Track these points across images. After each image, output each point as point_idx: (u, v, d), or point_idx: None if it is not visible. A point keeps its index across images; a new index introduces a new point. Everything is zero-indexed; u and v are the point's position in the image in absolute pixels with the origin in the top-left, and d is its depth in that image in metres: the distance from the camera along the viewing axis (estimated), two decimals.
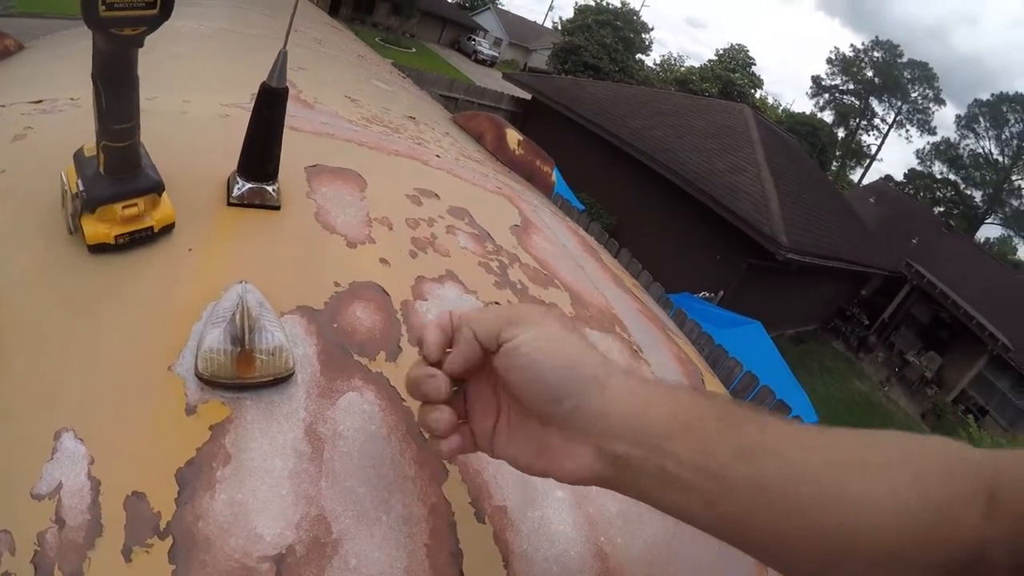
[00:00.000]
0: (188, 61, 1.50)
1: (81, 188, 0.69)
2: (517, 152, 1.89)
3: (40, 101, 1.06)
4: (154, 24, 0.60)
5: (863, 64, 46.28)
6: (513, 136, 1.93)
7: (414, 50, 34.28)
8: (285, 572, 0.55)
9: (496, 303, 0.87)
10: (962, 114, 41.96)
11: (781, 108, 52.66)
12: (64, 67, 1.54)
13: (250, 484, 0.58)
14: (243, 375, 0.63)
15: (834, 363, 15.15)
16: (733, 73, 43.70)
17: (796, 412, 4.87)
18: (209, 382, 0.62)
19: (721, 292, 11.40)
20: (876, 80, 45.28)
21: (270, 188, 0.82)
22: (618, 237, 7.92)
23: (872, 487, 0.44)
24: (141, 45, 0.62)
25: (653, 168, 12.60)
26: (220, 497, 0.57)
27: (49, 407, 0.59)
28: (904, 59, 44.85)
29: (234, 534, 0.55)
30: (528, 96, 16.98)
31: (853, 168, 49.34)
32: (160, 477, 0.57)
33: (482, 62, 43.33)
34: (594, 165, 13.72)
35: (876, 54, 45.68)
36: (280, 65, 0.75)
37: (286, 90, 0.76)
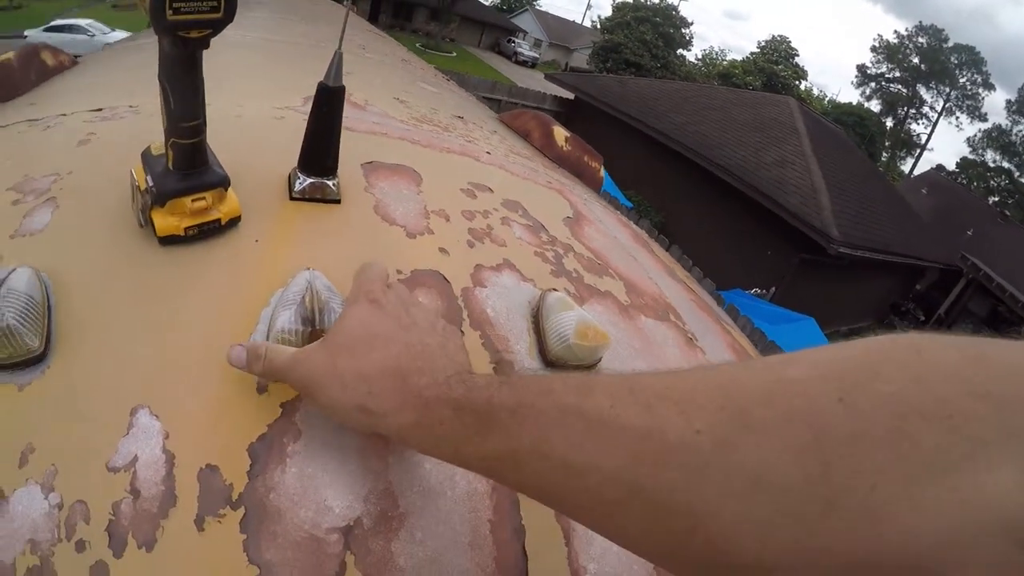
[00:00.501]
0: (236, 70, 1.54)
1: (151, 183, 0.72)
2: (565, 148, 1.89)
3: (100, 109, 1.11)
4: (219, 26, 0.63)
5: (908, 51, 45.13)
6: (560, 133, 1.94)
7: (454, 54, 34.51)
8: (353, 543, 0.57)
9: (554, 290, 0.88)
10: (1012, 99, 40.68)
11: (827, 99, 51.63)
12: (120, 78, 1.60)
13: (320, 458, 0.60)
14: None
15: None
16: (776, 65, 43.02)
17: None
18: None
19: (773, 288, 11.24)
20: (922, 67, 44.11)
21: (330, 183, 0.85)
22: (667, 234, 7.87)
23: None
24: (207, 47, 0.64)
25: (699, 163, 12.49)
26: (291, 470, 0.59)
27: (125, 387, 0.62)
28: (950, 43, 43.64)
29: (304, 506, 0.57)
30: (571, 96, 16.98)
31: (903, 158, 48.12)
32: (233, 451, 0.59)
33: (523, 63, 43.38)
34: (640, 163, 13.66)
35: (921, 40, 44.52)
36: (336, 65, 0.78)
37: (343, 88, 0.79)
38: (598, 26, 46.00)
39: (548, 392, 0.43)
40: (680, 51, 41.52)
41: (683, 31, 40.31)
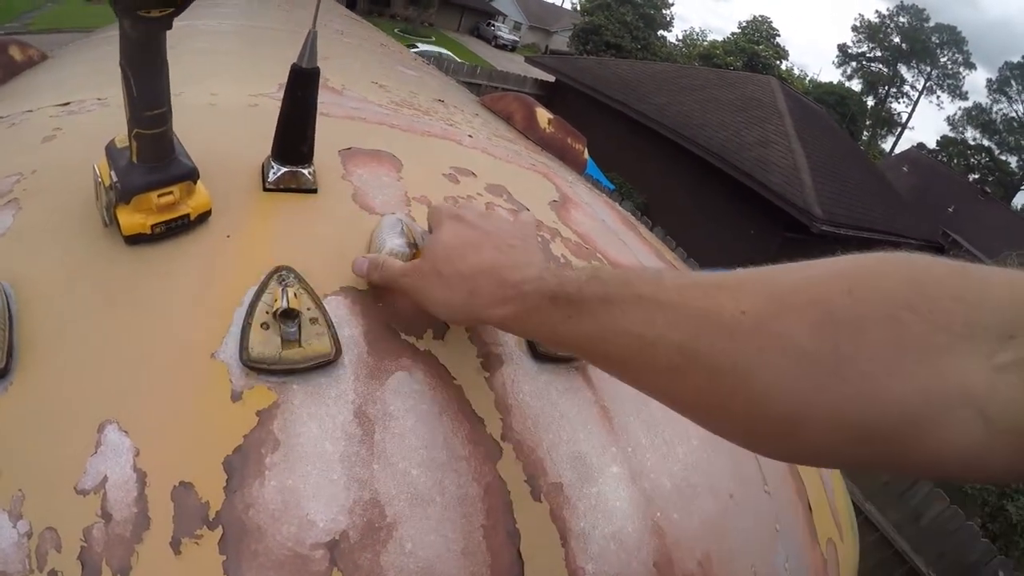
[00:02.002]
0: (210, 56, 1.50)
1: (115, 179, 0.68)
2: (548, 130, 1.85)
3: (67, 104, 1.06)
4: (181, 5, 0.58)
5: (889, 30, 45.37)
6: (543, 115, 1.90)
7: (434, 39, 34.26)
8: (339, 559, 0.54)
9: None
10: (993, 78, 41.04)
11: (808, 79, 51.72)
12: (89, 70, 1.54)
13: (300, 470, 0.57)
14: None
15: None
16: (757, 45, 42.96)
17: None
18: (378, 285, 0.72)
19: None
20: (903, 46, 44.38)
21: (306, 171, 0.81)
22: (650, 215, 7.86)
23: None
24: (169, 27, 0.60)
25: (681, 144, 12.49)
26: (270, 484, 0.56)
27: (91, 400, 0.58)
28: (931, 23, 43.87)
29: (286, 521, 0.54)
30: (552, 79, 16.92)
31: (884, 137, 48.49)
32: (207, 466, 0.56)
33: (503, 47, 43.22)
34: (622, 144, 13.62)
35: (902, 19, 44.76)
36: (310, 45, 0.73)
37: (317, 70, 0.75)
38: (578, 8, 45.74)
39: (627, 283, 0.52)
40: (661, 32, 41.40)
41: (664, 12, 40.20)
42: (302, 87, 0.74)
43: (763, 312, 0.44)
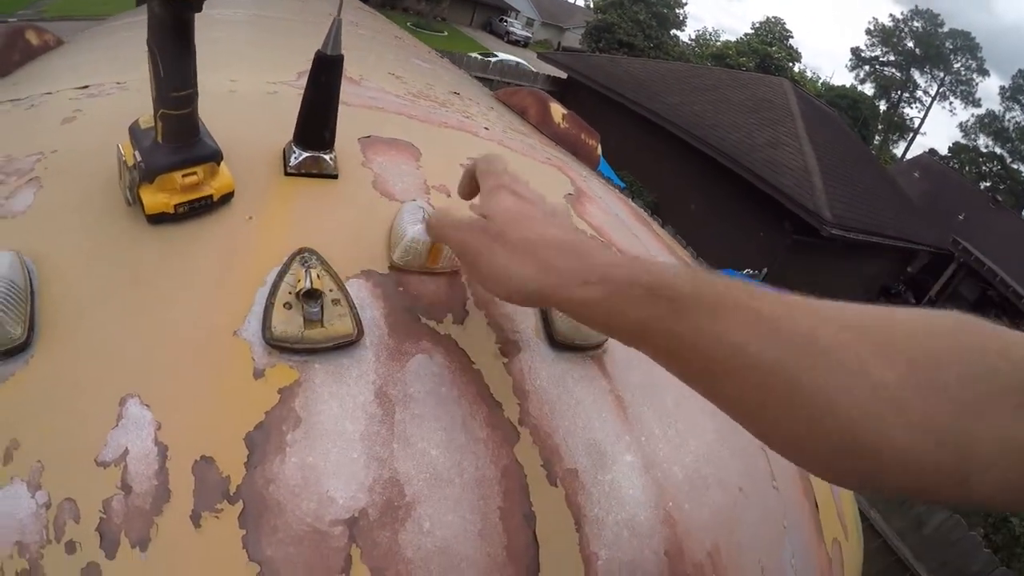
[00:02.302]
0: (227, 45, 1.50)
1: (139, 159, 0.68)
2: (562, 125, 1.85)
3: (86, 86, 1.07)
4: None
5: (903, 35, 45.00)
6: (557, 110, 1.90)
7: (446, 33, 34.24)
8: (358, 535, 0.54)
9: None
10: (1007, 85, 40.73)
11: (820, 81, 51.49)
12: (106, 56, 1.55)
13: (321, 447, 0.57)
14: (431, 265, 0.73)
15: None
16: (770, 47, 42.76)
17: None
18: (400, 269, 0.73)
19: (765, 269, 11.25)
20: (917, 51, 44.05)
21: (327, 157, 0.81)
22: (659, 214, 7.84)
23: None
24: (199, 9, 0.61)
25: (692, 144, 12.45)
26: (291, 460, 0.56)
27: (114, 375, 0.59)
28: (945, 28, 43.56)
29: (306, 498, 0.55)
30: (564, 75, 16.88)
31: (896, 142, 48.14)
32: (229, 441, 0.56)
33: (515, 43, 43.04)
34: (633, 143, 13.59)
35: (916, 24, 44.39)
36: (335, 33, 0.74)
37: (341, 57, 0.75)
38: (591, 5, 45.59)
39: (727, 288, 0.50)
40: (674, 31, 41.24)
41: (677, 11, 40.04)
42: (326, 73, 0.75)
43: (854, 342, 0.44)
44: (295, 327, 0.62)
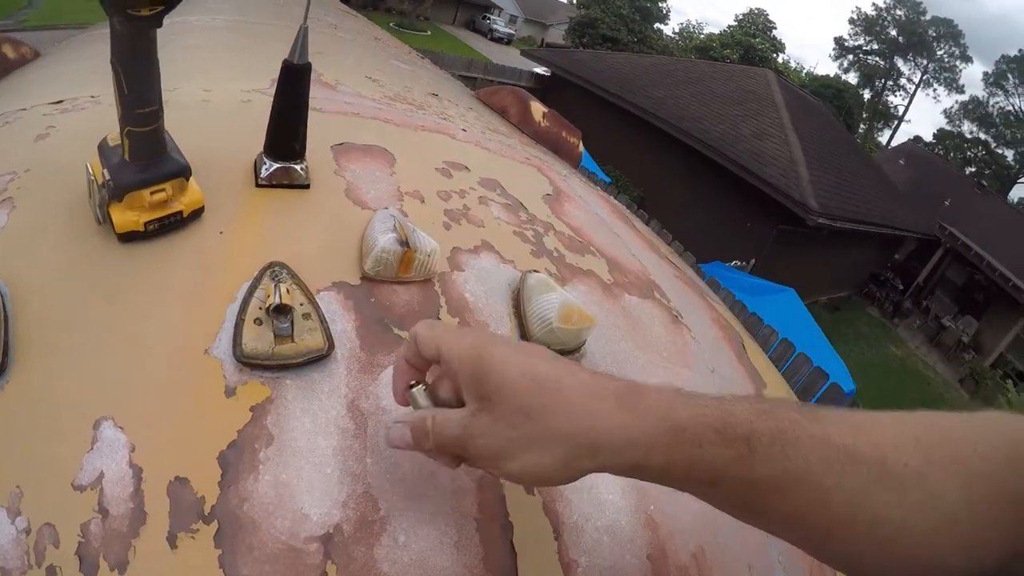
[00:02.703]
0: (204, 52, 1.49)
1: (108, 177, 0.68)
2: (542, 124, 1.86)
3: (60, 101, 1.06)
4: (171, 3, 0.58)
5: (886, 23, 45.14)
6: (538, 108, 1.90)
7: (429, 33, 34.10)
8: (333, 552, 0.54)
9: (535, 271, 0.85)
10: (990, 71, 40.92)
11: (804, 71, 51.60)
12: (82, 68, 1.54)
13: (294, 464, 0.57)
14: (403, 274, 0.74)
15: (869, 329, 14.89)
16: (753, 38, 42.78)
17: (833, 379, 4.80)
18: (371, 279, 0.73)
19: (752, 260, 11.27)
20: (900, 39, 44.21)
21: (298, 167, 0.81)
22: (646, 209, 7.83)
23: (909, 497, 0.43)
24: (159, 25, 0.60)
25: (677, 137, 12.44)
26: (264, 479, 0.56)
27: (87, 397, 0.59)
28: (928, 16, 43.74)
29: (280, 515, 0.55)
30: (547, 72, 16.86)
31: (881, 130, 48.30)
32: (202, 461, 0.56)
33: (498, 40, 42.95)
34: (618, 138, 13.58)
35: (899, 12, 44.51)
36: (301, 41, 0.74)
37: (309, 66, 0.75)
38: (574, 1, 45.55)
39: (795, 420, 0.45)
40: (657, 25, 41.25)
41: (660, 5, 40.07)
42: (293, 83, 0.75)
43: (919, 466, 0.43)
44: (266, 343, 0.61)
